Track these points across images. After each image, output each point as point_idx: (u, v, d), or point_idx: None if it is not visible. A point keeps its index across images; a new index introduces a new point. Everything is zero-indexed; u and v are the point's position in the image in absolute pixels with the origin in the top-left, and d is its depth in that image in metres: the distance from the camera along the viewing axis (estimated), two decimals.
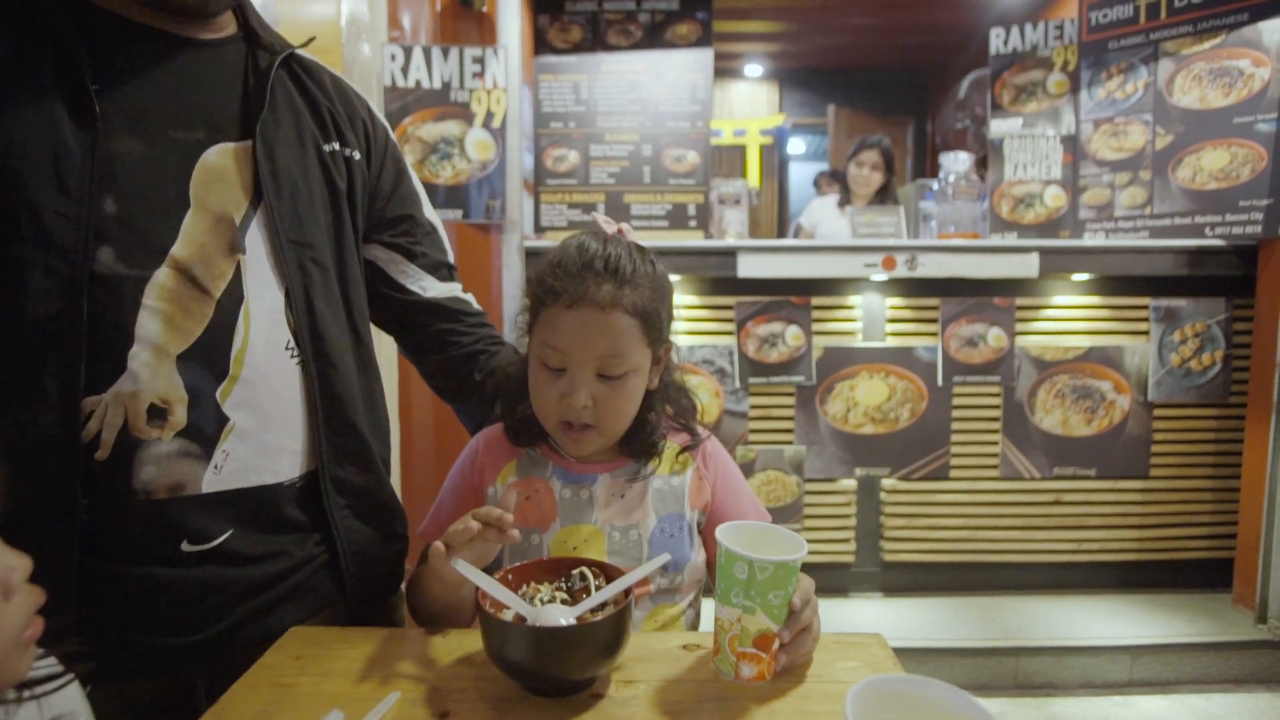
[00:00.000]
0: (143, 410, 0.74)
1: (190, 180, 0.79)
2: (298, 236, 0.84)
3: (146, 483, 0.74)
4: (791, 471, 2.40)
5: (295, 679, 0.71)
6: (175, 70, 0.81)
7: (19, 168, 0.71)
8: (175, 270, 0.76)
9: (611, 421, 0.84)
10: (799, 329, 2.36)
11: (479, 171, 2.02)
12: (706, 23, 2.52)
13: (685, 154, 2.50)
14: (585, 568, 0.76)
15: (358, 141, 0.95)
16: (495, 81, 1.98)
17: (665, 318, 0.87)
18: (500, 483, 0.91)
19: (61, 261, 0.71)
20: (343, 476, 0.88)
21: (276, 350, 0.82)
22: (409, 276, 1.02)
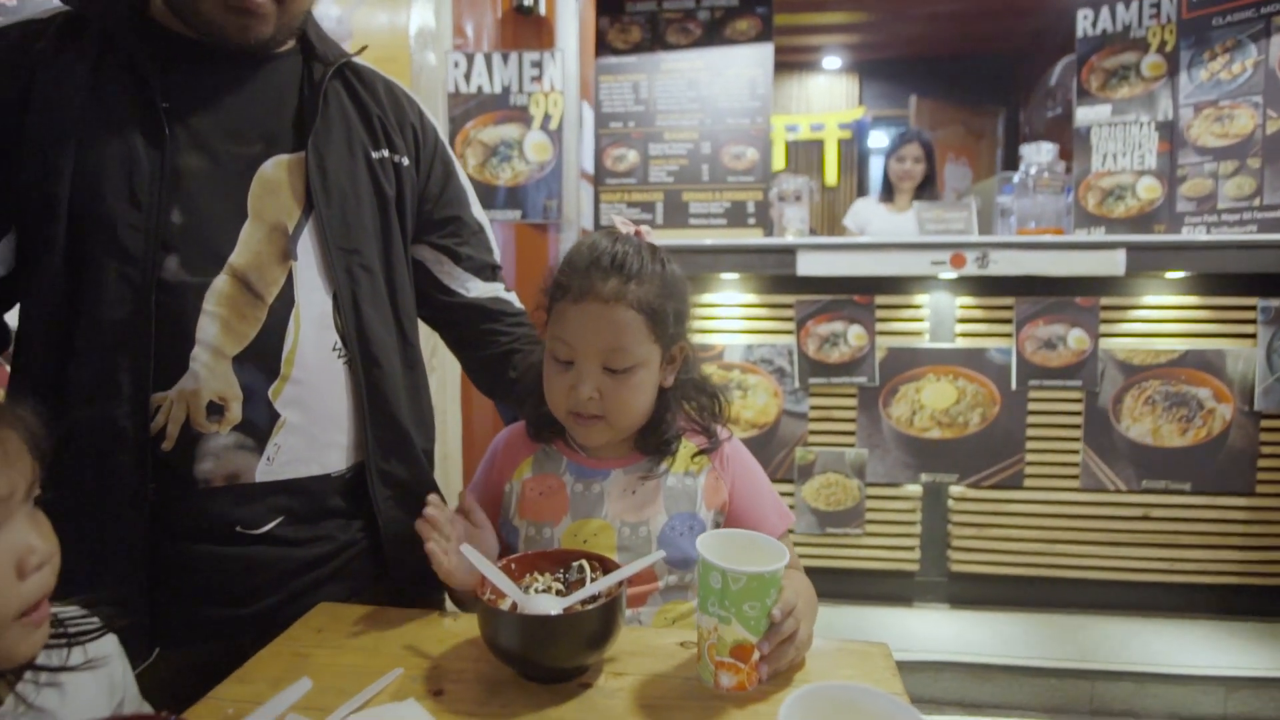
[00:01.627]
0: (203, 407, 0.80)
1: (248, 192, 0.84)
2: (346, 243, 0.89)
3: (206, 472, 0.81)
4: (853, 475, 2.34)
5: (313, 650, 0.76)
6: (236, 88, 0.87)
7: (97, 183, 0.77)
8: (233, 277, 0.81)
9: (619, 413, 0.85)
10: (862, 328, 2.29)
11: (537, 172, 2.07)
12: (767, 17, 2.48)
13: (744, 151, 2.48)
14: (585, 560, 0.77)
15: (407, 147, 0.99)
16: (552, 84, 2.02)
17: (676, 316, 0.88)
18: (516, 479, 0.94)
19: (133, 269, 0.78)
20: (387, 469, 0.93)
21: (324, 351, 0.87)
22: (453, 278, 1.06)
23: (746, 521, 0.90)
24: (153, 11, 0.86)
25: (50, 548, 0.55)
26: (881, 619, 2.28)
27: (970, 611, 2.30)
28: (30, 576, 0.53)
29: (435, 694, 0.68)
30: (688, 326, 0.92)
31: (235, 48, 0.86)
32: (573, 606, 0.70)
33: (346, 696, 0.66)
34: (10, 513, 0.53)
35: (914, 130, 3.08)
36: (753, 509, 0.92)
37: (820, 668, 0.73)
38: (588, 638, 0.67)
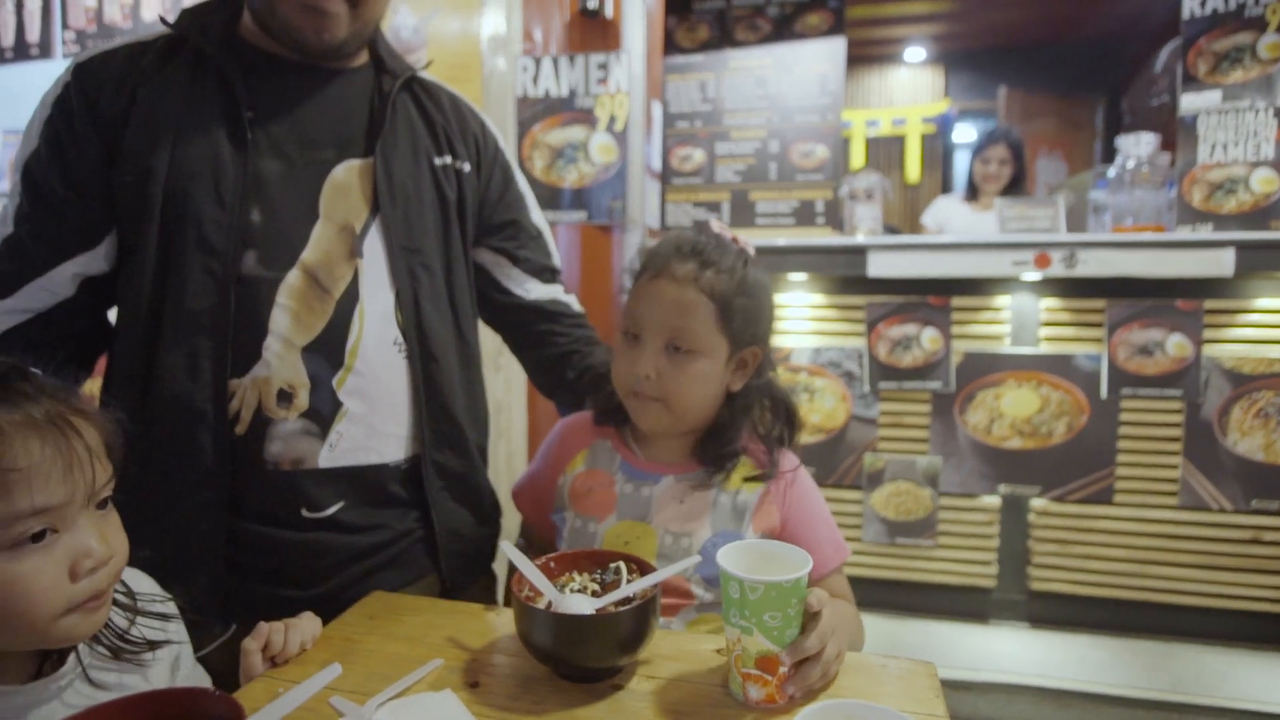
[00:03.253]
0: (273, 393, 0.85)
1: (320, 194, 0.90)
2: (409, 243, 0.93)
3: (275, 455, 0.86)
4: (925, 484, 2.25)
5: (363, 636, 0.79)
6: (313, 98, 0.93)
7: (187, 184, 0.84)
8: (304, 273, 0.87)
9: (676, 397, 0.85)
10: (936, 331, 2.20)
11: (602, 174, 2.08)
12: (839, 11, 2.41)
13: (814, 149, 2.42)
14: (622, 562, 0.77)
15: (469, 154, 1.03)
16: (618, 86, 2.03)
17: (749, 315, 0.87)
18: (570, 471, 0.95)
19: (216, 263, 0.84)
20: (441, 461, 0.96)
21: (385, 345, 0.91)
22: (512, 280, 1.09)
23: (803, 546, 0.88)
24: (242, 30, 0.92)
25: (108, 550, 0.58)
26: (955, 636, 2.18)
27: (1052, 632, 2.17)
28: (82, 579, 0.56)
29: (471, 685, 0.70)
30: (763, 334, 0.91)
31: (314, 55, 0.91)
32: (606, 608, 0.70)
33: (388, 683, 0.69)
34: (70, 518, 0.56)
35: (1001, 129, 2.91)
36: (804, 540, 0.89)
37: (860, 685, 0.70)
38: (620, 639, 0.67)
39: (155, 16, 2.53)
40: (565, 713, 0.65)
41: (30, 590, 0.54)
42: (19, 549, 0.53)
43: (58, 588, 0.55)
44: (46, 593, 0.54)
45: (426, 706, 0.65)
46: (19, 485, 0.52)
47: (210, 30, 0.90)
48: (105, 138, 0.85)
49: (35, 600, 0.54)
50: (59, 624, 0.56)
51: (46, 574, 0.54)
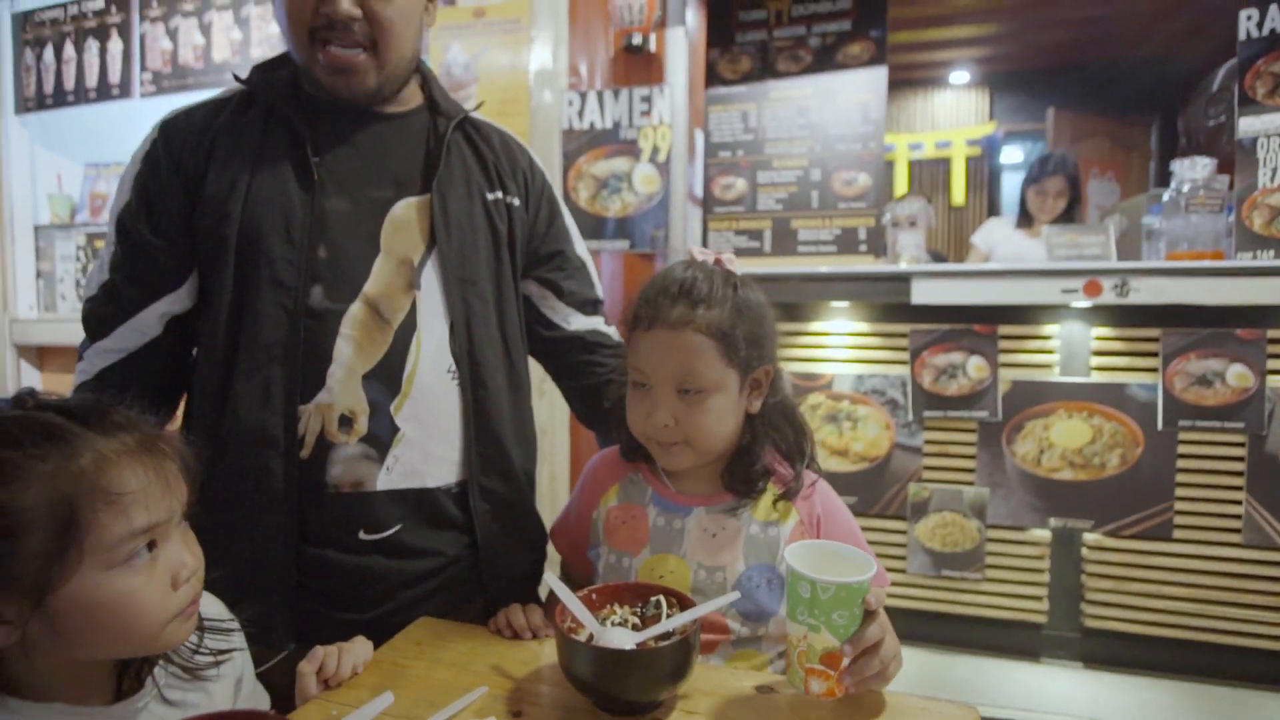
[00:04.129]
0: (335, 419, 0.90)
1: (381, 230, 0.95)
2: (463, 274, 0.98)
3: (335, 478, 0.91)
4: (971, 515, 2.20)
5: (411, 662, 0.82)
6: (373, 140, 0.99)
7: (260, 223, 0.90)
8: (366, 304, 0.92)
9: (699, 437, 0.86)
10: (983, 360, 2.16)
11: (645, 203, 2.12)
12: (881, 41, 2.43)
13: (856, 177, 2.42)
14: (663, 596, 0.78)
15: (518, 189, 1.08)
16: (661, 118, 2.07)
17: (752, 340, 0.87)
18: (603, 505, 0.96)
19: (287, 297, 0.89)
20: (488, 485, 0.99)
21: (440, 372, 0.96)
22: (555, 312, 1.13)
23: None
24: (303, 83, 0.99)
25: (197, 561, 0.64)
26: (1005, 672, 2.12)
27: (1106, 673, 2.09)
28: (182, 587, 0.61)
29: (515, 715, 0.71)
30: (770, 351, 0.91)
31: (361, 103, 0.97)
32: (647, 642, 0.72)
33: (435, 709, 0.71)
34: (168, 533, 0.62)
35: (1057, 156, 2.83)
36: None
37: None
38: (660, 674, 0.69)
39: (224, 58, 2.68)
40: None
41: (143, 601, 0.59)
42: (131, 565, 0.58)
43: (164, 598, 0.60)
44: (155, 603, 0.59)
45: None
46: (132, 507, 0.58)
47: (277, 84, 0.97)
48: (188, 188, 0.92)
49: (147, 610, 0.59)
50: (165, 631, 0.61)
51: (154, 586, 0.60)
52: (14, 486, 0.54)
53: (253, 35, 2.62)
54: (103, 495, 0.57)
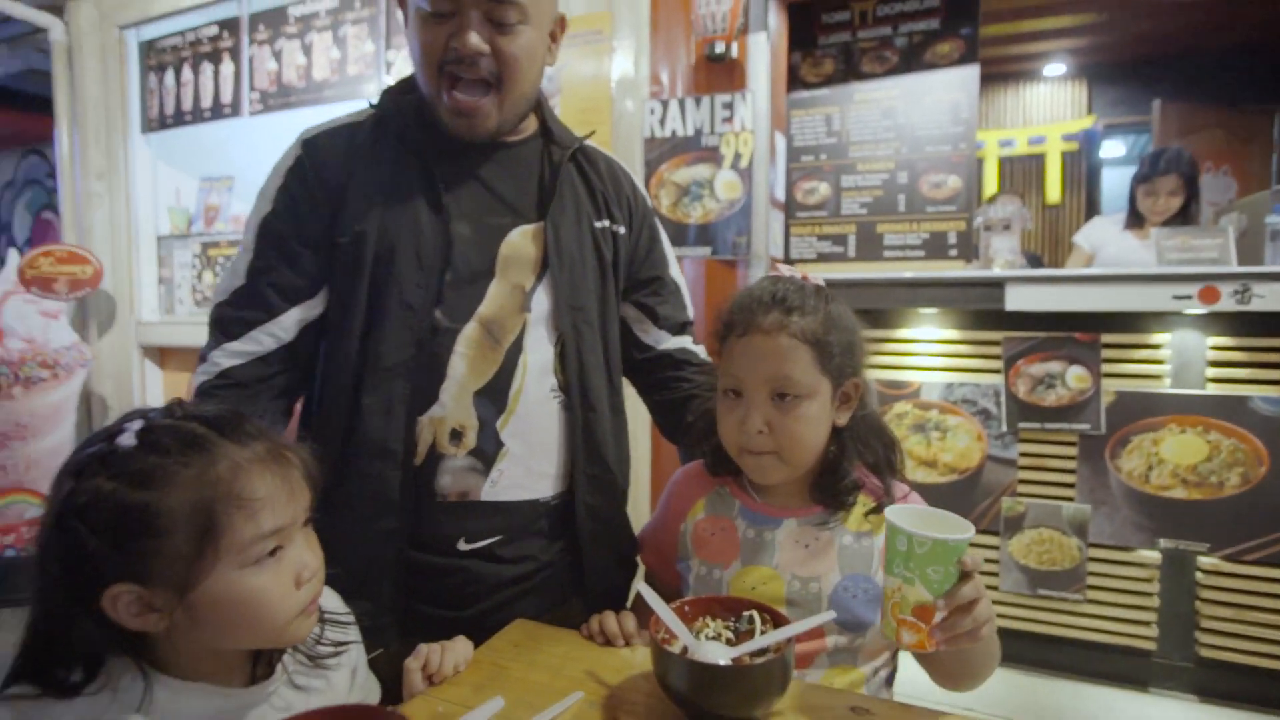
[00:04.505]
0: (446, 432, 0.95)
1: (497, 256, 0.99)
2: (574, 300, 1.01)
3: (444, 488, 0.95)
4: (1071, 533, 2.09)
5: (509, 663, 0.85)
6: (491, 170, 1.03)
7: (393, 247, 0.95)
8: (480, 325, 0.96)
9: (790, 446, 0.86)
10: (1084, 370, 2.05)
11: (727, 210, 2.12)
12: (972, 38, 2.33)
13: (945, 179, 2.33)
14: (756, 612, 0.78)
15: (623, 217, 1.11)
16: (743, 124, 2.06)
17: (845, 349, 0.88)
18: (690, 519, 0.97)
19: (414, 319, 0.94)
20: (591, 501, 1.03)
21: (544, 393, 0.99)
22: (648, 335, 1.16)
23: None
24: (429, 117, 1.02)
25: (318, 562, 0.68)
26: (1108, 700, 2.00)
27: (1224, 708, 1.94)
28: (304, 586, 0.66)
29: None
30: (860, 363, 0.91)
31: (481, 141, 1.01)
32: (742, 658, 0.71)
33: (533, 711, 0.73)
34: (292, 536, 0.66)
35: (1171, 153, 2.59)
36: None
37: None
38: (756, 691, 0.68)
39: (324, 76, 2.83)
40: None
41: (271, 599, 0.63)
42: (260, 565, 0.63)
43: (289, 596, 0.64)
44: (281, 600, 0.64)
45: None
46: (261, 512, 0.62)
47: (405, 110, 1.01)
48: (331, 204, 0.97)
49: (274, 607, 0.63)
50: (290, 627, 0.65)
51: (280, 584, 0.64)
52: (164, 491, 0.59)
53: (349, 54, 2.76)
54: (236, 500, 0.61)
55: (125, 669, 0.62)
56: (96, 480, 0.58)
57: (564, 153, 1.05)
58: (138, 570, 0.59)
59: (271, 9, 2.92)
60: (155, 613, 0.60)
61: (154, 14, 3.16)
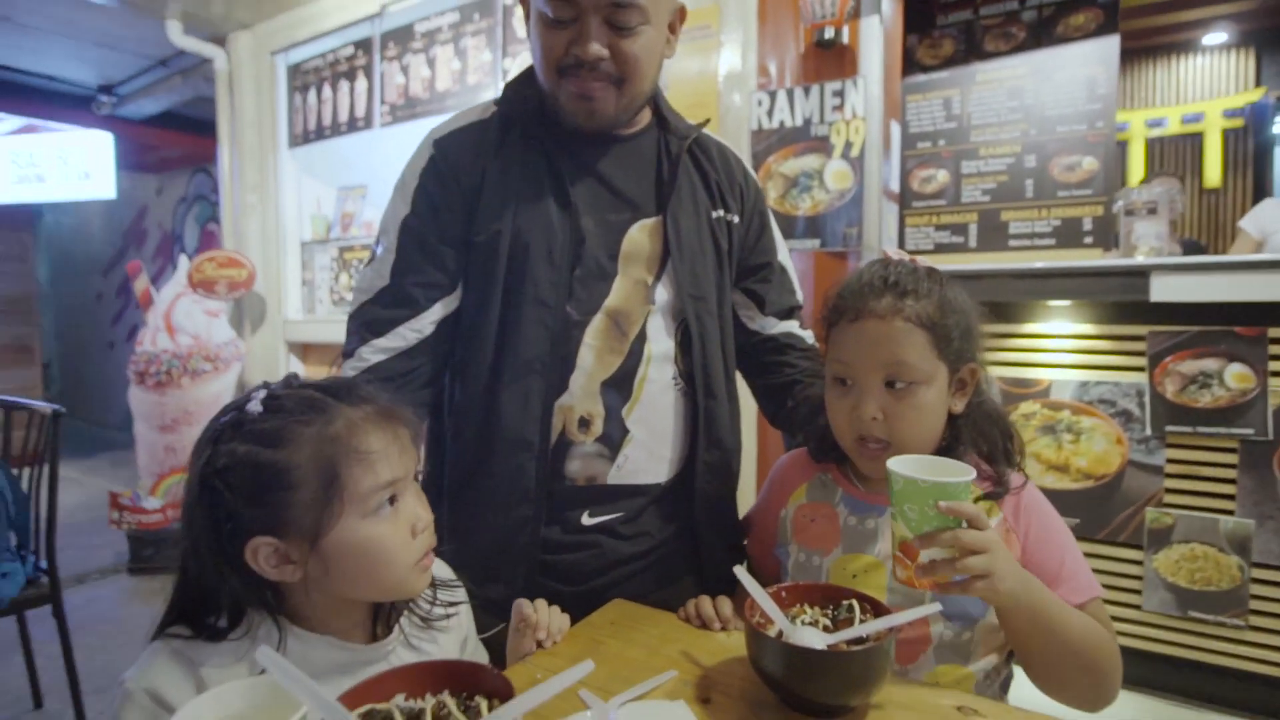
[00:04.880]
0: (575, 420, 0.98)
1: (620, 250, 1.01)
2: (694, 291, 1.02)
3: (573, 473, 0.99)
4: (1230, 550, 1.87)
5: (606, 639, 0.86)
6: (611, 163, 1.04)
7: (527, 245, 0.98)
8: (607, 316, 0.99)
9: (905, 435, 0.83)
10: (1246, 368, 1.83)
11: (837, 200, 2.06)
12: (1111, 6, 2.13)
13: (1080, 161, 2.15)
14: (855, 600, 0.76)
15: (736, 205, 1.11)
16: (854, 112, 2.00)
17: (962, 333, 0.84)
18: (791, 504, 0.95)
19: (547, 314, 0.97)
20: (706, 486, 1.04)
21: (665, 380, 1.02)
22: (754, 321, 1.16)
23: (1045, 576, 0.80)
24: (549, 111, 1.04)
25: (429, 516, 0.73)
26: None
27: None
28: (419, 536, 0.71)
29: (703, 700, 0.73)
30: (978, 348, 0.87)
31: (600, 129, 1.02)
32: (838, 645, 0.69)
33: (627, 685, 0.74)
34: (405, 489, 0.71)
35: None
36: (1051, 567, 0.82)
37: None
38: (850, 679, 0.66)
39: (446, 86, 3.00)
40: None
41: (391, 546, 0.68)
42: (379, 515, 0.68)
43: (407, 545, 0.69)
44: (400, 549, 0.69)
45: (661, 714, 0.69)
46: (378, 464, 0.67)
47: (528, 104, 1.03)
48: (466, 204, 1.01)
49: (394, 554, 0.68)
50: (408, 576, 0.70)
51: (398, 534, 0.69)
52: (290, 448, 0.65)
53: (469, 64, 2.91)
54: (355, 454, 0.66)
55: (264, 619, 0.68)
56: (232, 444, 0.65)
57: (681, 144, 1.06)
58: (274, 523, 0.65)
59: (400, 27, 3.13)
60: (291, 564, 0.66)
61: (299, 39, 3.46)
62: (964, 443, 0.87)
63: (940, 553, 0.72)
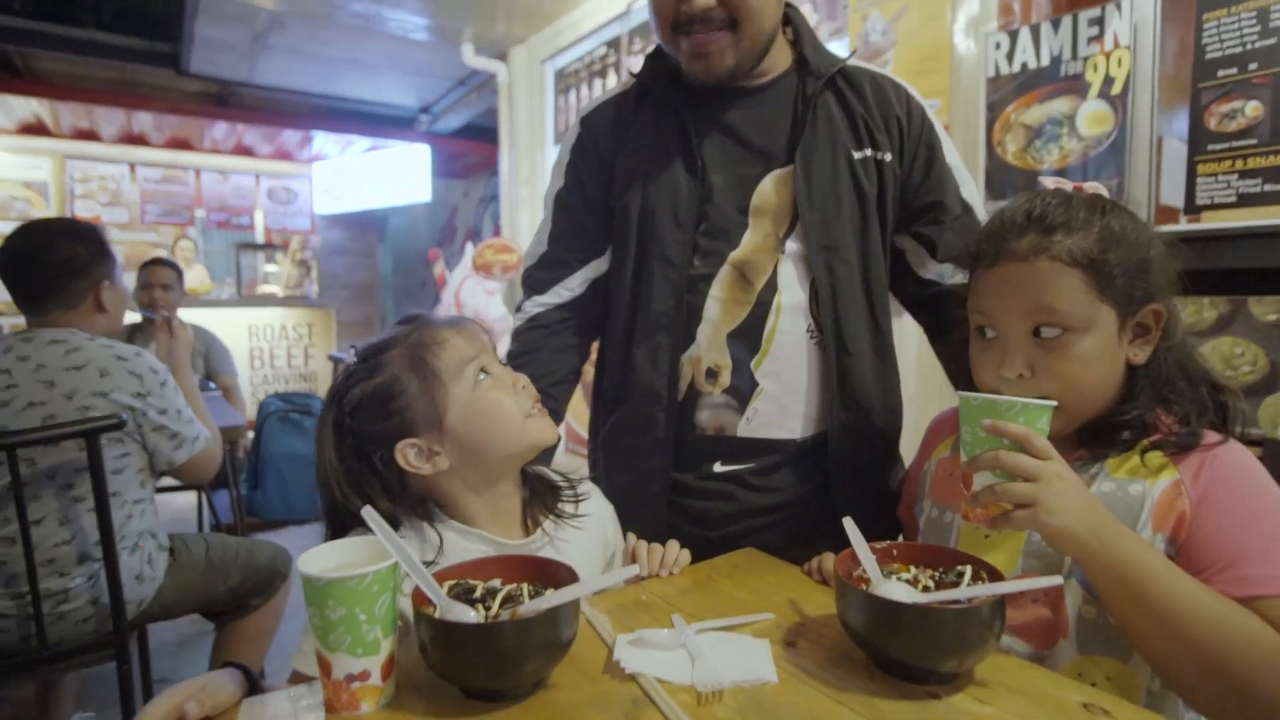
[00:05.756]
0: (703, 371, 1.03)
1: (750, 203, 1.03)
2: (826, 241, 1.00)
3: (702, 423, 1.04)
4: None
5: (721, 579, 0.89)
6: (743, 115, 1.05)
7: (655, 208, 1.04)
8: (733, 268, 1.02)
9: (1063, 392, 0.72)
10: None
11: (1093, 148, 1.75)
12: None
13: None
14: (970, 566, 0.68)
15: (889, 141, 1.04)
16: (1116, 40, 1.68)
17: (1135, 269, 0.71)
18: (935, 457, 0.88)
19: (674, 272, 1.03)
20: (843, 446, 1.01)
21: (798, 333, 1.01)
22: (926, 269, 1.08)
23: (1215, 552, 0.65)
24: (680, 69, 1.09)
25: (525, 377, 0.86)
26: None
27: None
28: (520, 392, 0.84)
29: (789, 644, 0.72)
30: (1160, 285, 0.72)
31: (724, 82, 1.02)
32: (931, 603, 0.64)
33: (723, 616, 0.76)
34: (492, 364, 0.84)
35: None
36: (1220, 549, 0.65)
37: None
38: (936, 640, 0.61)
39: None
40: (864, 699, 0.62)
41: (501, 400, 0.82)
42: (480, 383, 0.82)
43: (514, 397, 0.83)
44: (509, 401, 0.82)
45: (739, 646, 0.70)
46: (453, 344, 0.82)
47: (662, 72, 1.07)
48: (605, 173, 1.10)
49: (506, 406, 0.82)
50: (528, 424, 0.83)
51: (503, 390, 0.83)
52: (387, 369, 0.80)
53: None
54: (433, 344, 0.81)
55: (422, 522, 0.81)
56: (350, 392, 0.80)
57: (818, 83, 1.02)
58: (405, 426, 0.79)
59: (645, 21, 3.33)
60: (436, 455, 0.80)
61: (563, 45, 3.85)
62: (1145, 399, 0.72)
63: (987, 478, 0.65)
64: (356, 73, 4.87)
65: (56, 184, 5.59)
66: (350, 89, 5.27)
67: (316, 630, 0.62)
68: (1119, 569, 0.63)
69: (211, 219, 6.27)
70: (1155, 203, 1.85)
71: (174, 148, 5.97)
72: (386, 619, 0.63)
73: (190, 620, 1.84)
